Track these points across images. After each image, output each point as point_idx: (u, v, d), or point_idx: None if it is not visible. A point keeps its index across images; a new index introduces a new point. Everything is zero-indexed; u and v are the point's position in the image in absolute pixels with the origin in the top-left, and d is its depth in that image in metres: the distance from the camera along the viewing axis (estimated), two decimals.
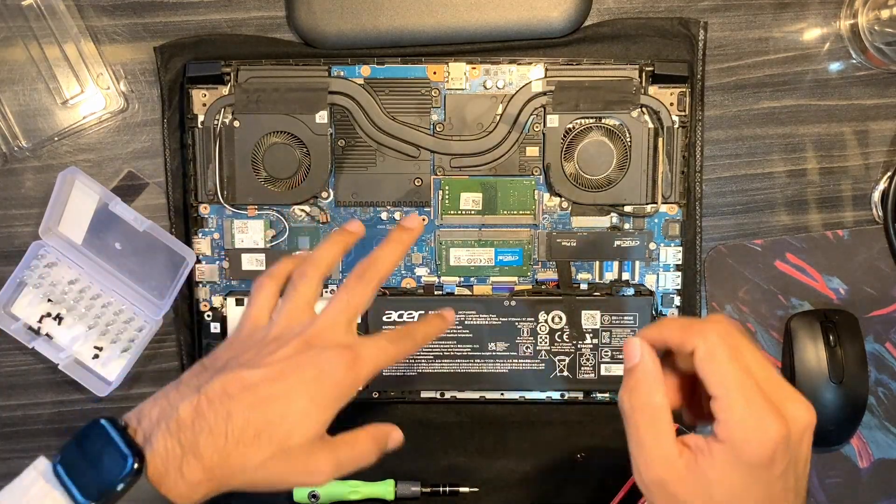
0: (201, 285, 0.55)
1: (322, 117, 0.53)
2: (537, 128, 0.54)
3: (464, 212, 0.55)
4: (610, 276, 0.55)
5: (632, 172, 0.54)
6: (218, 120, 0.53)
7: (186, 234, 0.55)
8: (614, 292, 0.55)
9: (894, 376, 0.56)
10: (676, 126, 0.53)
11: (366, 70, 0.53)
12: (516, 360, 0.55)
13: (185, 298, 0.56)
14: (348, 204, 0.55)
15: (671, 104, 0.53)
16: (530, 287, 0.55)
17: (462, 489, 0.56)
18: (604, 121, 0.54)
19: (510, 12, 0.53)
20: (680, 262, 0.55)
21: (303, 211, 0.55)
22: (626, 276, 0.55)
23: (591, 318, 0.55)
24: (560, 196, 0.54)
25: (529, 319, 0.55)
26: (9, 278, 0.55)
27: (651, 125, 0.53)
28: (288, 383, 0.39)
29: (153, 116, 0.56)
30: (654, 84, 0.53)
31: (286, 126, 0.53)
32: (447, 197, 0.55)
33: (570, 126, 0.54)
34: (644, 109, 0.53)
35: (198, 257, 0.55)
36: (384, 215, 0.55)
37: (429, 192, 0.55)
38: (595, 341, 0.55)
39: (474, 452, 0.57)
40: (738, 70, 0.56)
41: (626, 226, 0.55)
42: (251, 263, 0.55)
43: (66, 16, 0.54)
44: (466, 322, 0.55)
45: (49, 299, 0.56)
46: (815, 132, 0.56)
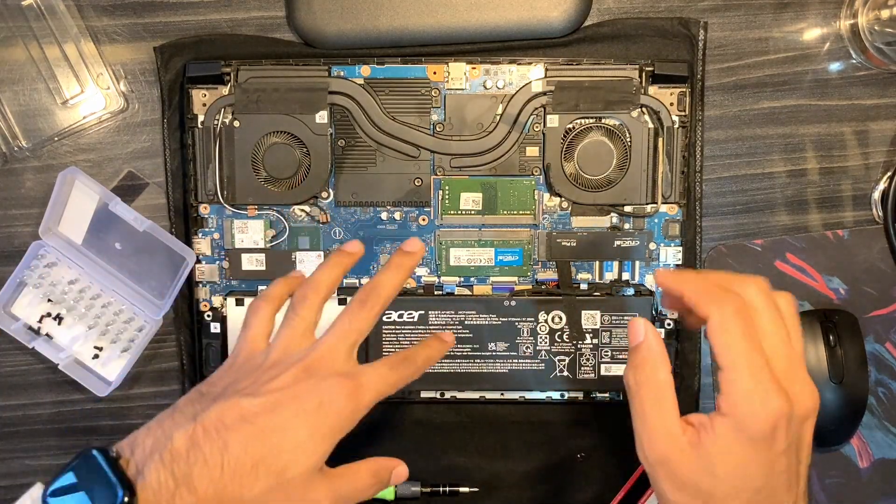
0: (201, 285, 0.55)
1: (322, 117, 0.53)
2: (537, 128, 0.54)
3: (464, 212, 0.55)
4: (610, 276, 0.55)
5: (632, 172, 0.54)
6: (218, 120, 0.53)
7: (186, 234, 0.55)
8: (614, 292, 0.55)
9: (894, 376, 0.56)
10: (676, 126, 0.53)
11: (366, 70, 0.53)
12: (516, 360, 0.55)
13: (185, 298, 0.56)
14: (348, 204, 0.55)
15: (671, 104, 0.53)
16: (530, 287, 0.55)
17: (462, 489, 0.56)
18: (604, 121, 0.54)
19: (510, 12, 0.53)
20: (680, 262, 0.55)
21: (303, 211, 0.55)
22: (626, 276, 0.55)
23: (591, 318, 0.55)
24: (560, 196, 0.54)
25: (529, 319, 0.55)
26: (9, 278, 0.55)
27: (651, 125, 0.53)
28: (287, 413, 0.37)
29: (153, 116, 0.56)
30: (654, 84, 0.53)
31: (286, 126, 0.53)
32: (447, 197, 0.55)
33: (570, 126, 0.54)
34: (644, 109, 0.53)
35: (198, 257, 0.55)
36: (384, 215, 0.55)
37: (429, 192, 0.55)
38: (595, 341, 0.55)
39: (474, 452, 0.57)
40: (738, 70, 0.56)
41: (626, 226, 0.55)
42: (251, 263, 0.55)
43: (66, 16, 0.54)
44: (466, 322, 0.55)
45: (49, 299, 0.56)
46: (815, 132, 0.56)
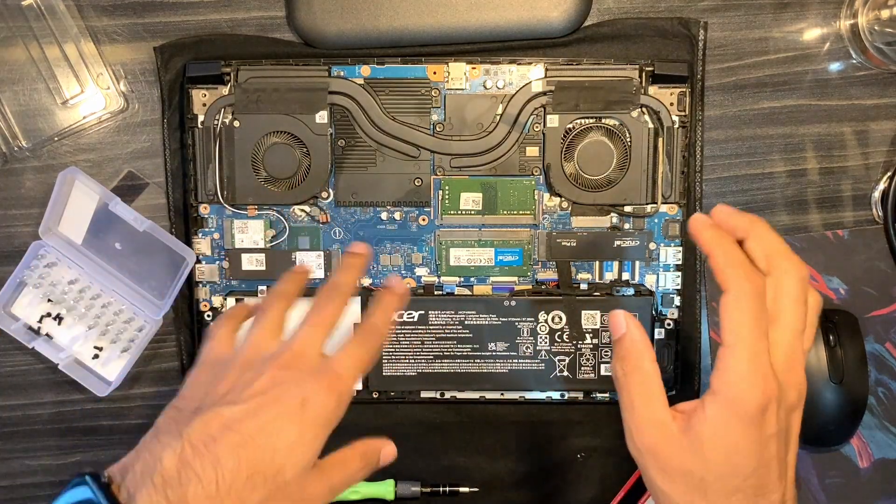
0: (201, 285, 0.55)
1: (322, 117, 0.53)
2: (537, 128, 0.54)
3: (464, 212, 0.55)
4: (610, 276, 0.55)
5: (632, 172, 0.54)
6: (218, 120, 0.53)
7: (186, 234, 0.55)
8: (614, 292, 0.55)
9: (894, 376, 0.56)
10: (676, 126, 0.53)
11: (366, 70, 0.53)
12: (516, 360, 0.55)
13: (185, 298, 0.56)
14: (348, 204, 0.55)
15: (671, 104, 0.53)
16: (530, 287, 0.55)
17: (462, 489, 0.56)
18: (604, 121, 0.54)
19: (510, 12, 0.53)
20: (680, 262, 0.55)
21: (303, 211, 0.55)
22: (626, 276, 0.55)
23: (591, 318, 0.55)
24: (560, 196, 0.54)
25: (529, 319, 0.55)
26: (9, 278, 0.55)
27: (651, 125, 0.53)
28: (271, 416, 0.37)
29: (153, 116, 0.56)
30: (654, 84, 0.53)
31: (286, 126, 0.53)
32: (447, 197, 0.55)
33: (570, 126, 0.54)
34: (644, 109, 0.53)
35: (198, 257, 0.55)
36: (384, 215, 0.55)
37: (429, 192, 0.55)
38: (595, 341, 0.55)
39: (474, 452, 0.57)
40: (738, 70, 0.56)
41: (626, 226, 0.55)
42: (251, 263, 0.55)
43: (66, 16, 0.54)
44: (466, 322, 0.55)
45: (49, 299, 0.56)
46: (815, 132, 0.56)
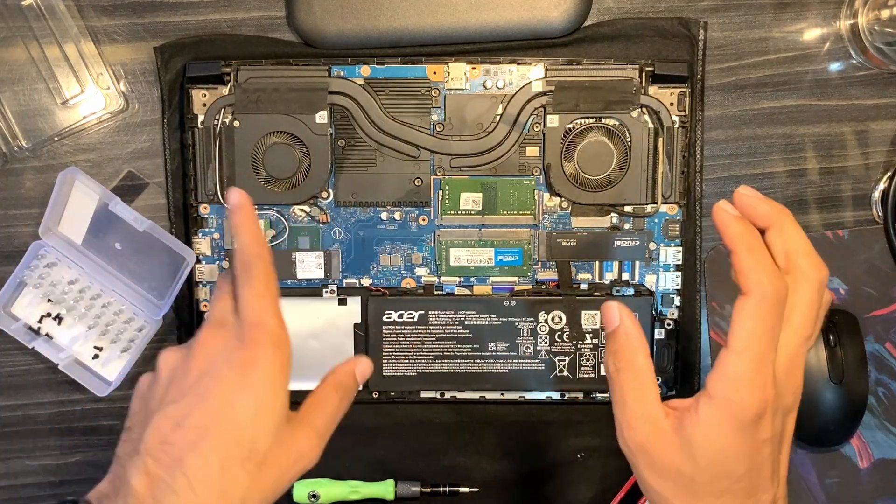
0: (201, 285, 0.55)
1: (322, 117, 0.53)
2: (537, 128, 0.54)
3: (464, 212, 0.55)
4: (610, 276, 0.55)
5: (632, 172, 0.54)
6: (218, 120, 0.53)
7: (186, 234, 0.55)
8: (614, 292, 0.55)
9: (894, 376, 0.56)
10: (676, 126, 0.53)
11: (366, 70, 0.53)
12: (516, 360, 0.55)
13: (185, 298, 0.56)
14: (348, 204, 0.55)
15: (671, 104, 0.53)
16: (530, 287, 0.55)
17: (462, 489, 0.56)
18: (604, 121, 0.54)
19: (510, 12, 0.53)
20: (680, 262, 0.55)
21: (303, 211, 0.55)
22: (626, 276, 0.55)
23: (591, 318, 0.55)
24: (560, 196, 0.54)
25: (529, 319, 0.55)
26: (9, 278, 0.55)
27: (651, 125, 0.53)
28: (218, 396, 0.35)
29: (153, 116, 0.56)
30: (654, 84, 0.53)
31: (286, 126, 0.53)
32: (447, 197, 0.55)
33: (570, 126, 0.54)
34: (644, 109, 0.53)
35: (198, 257, 0.55)
36: (384, 215, 0.55)
37: (429, 192, 0.55)
38: (595, 341, 0.55)
39: (474, 452, 0.57)
40: (738, 70, 0.56)
41: (626, 226, 0.55)
42: None
43: (66, 16, 0.54)
44: (466, 322, 0.55)
45: (49, 299, 0.56)
46: (815, 132, 0.56)
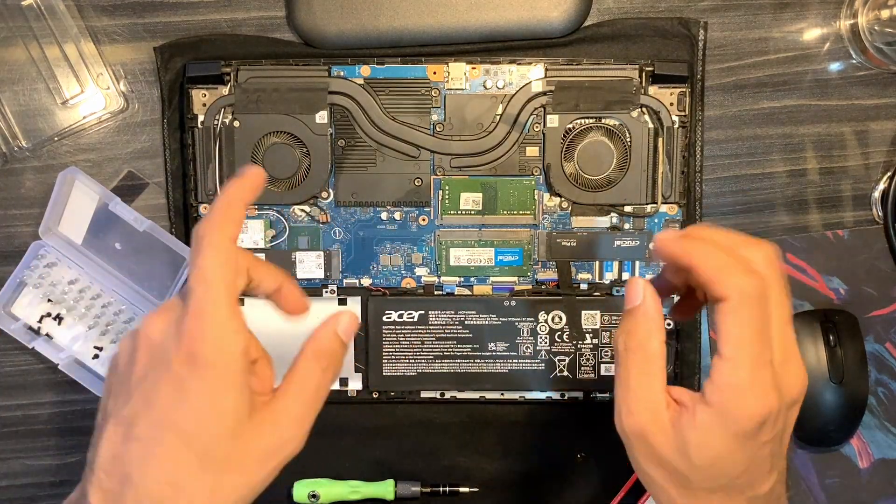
0: None
1: (322, 117, 0.53)
2: (537, 128, 0.54)
3: (464, 212, 0.55)
4: (610, 276, 0.55)
5: (632, 172, 0.54)
6: (218, 120, 0.53)
7: (186, 234, 0.55)
8: (614, 292, 0.55)
9: (894, 376, 0.56)
10: (676, 126, 0.53)
11: (366, 70, 0.53)
12: (516, 360, 0.55)
13: None
14: (348, 204, 0.55)
15: (671, 104, 0.53)
16: (530, 287, 0.55)
17: (462, 489, 0.56)
18: (604, 121, 0.54)
19: (510, 12, 0.53)
20: None
21: (303, 211, 0.55)
22: (626, 276, 0.55)
23: (591, 318, 0.55)
24: (560, 196, 0.54)
25: (529, 319, 0.55)
26: (9, 278, 0.55)
27: (651, 125, 0.53)
28: (164, 397, 0.31)
29: (153, 116, 0.56)
30: (654, 84, 0.53)
31: (286, 126, 0.53)
32: (447, 197, 0.55)
33: (570, 126, 0.54)
34: (644, 109, 0.53)
35: None
36: (384, 215, 0.55)
37: (429, 192, 0.55)
38: (595, 341, 0.55)
39: (474, 452, 0.57)
40: (738, 70, 0.56)
41: (626, 226, 0.55)
42: None
43: (66, 16, 0.54)
44: (466, 322, 0.55)
45: (49, 299, 0.56)
46: (815, 132, 0.56)
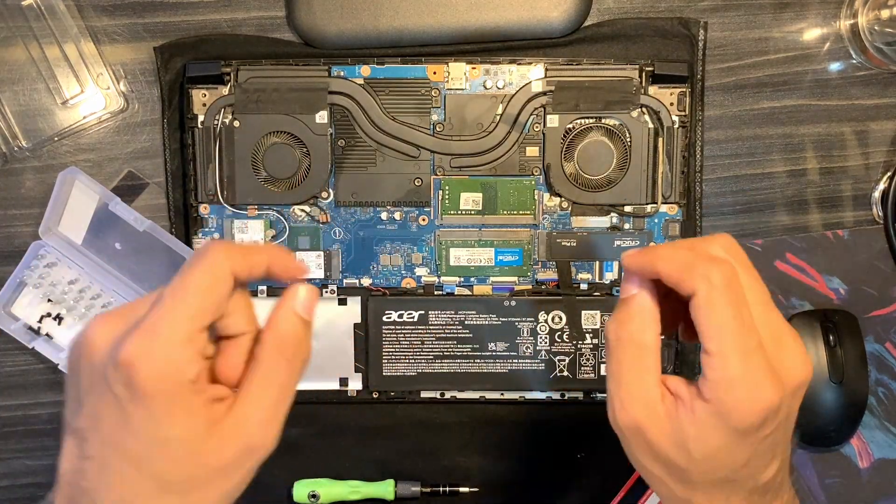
0: None
1: (322, 117, 0.53)
2: (537, 128, 0.54)
3: (464, 212, 0.55)
4: (610, 276, 0.55)
5: (632, 172, 0.54)
6: (218, 120, 0.53)
7: (186, 234, 0.55)
8: (614, 292, 0.55)
9: (894, 376, 0.56)
10: (676, 126, 0.53)
11: (366, 70, 0.53)
12: (516, 360, 0.55)
13: None
14: (348, 204, 0.55)
15: (671, 104, 0.53)
16: (530, 287, 0.55)
17: (462, 489, 0.56)
18: (604, 121, 0.54)
19: (510, 12, 0.53)
20: None
21: (303, 211, 0.55)
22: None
23: (591, 318, 0.55)
24: (560, 196, 0.54)
25: (529, 319, 0.55)
26: (9, 278, 0.55)
27: (651, 125, 0.53)
28: (110, 415, 0.29)
29: (153, 116, 0.56)
30: (654, 84, 0.53)
31: (286, 126, 0.53)
32: (447, 197, 0.55)
33: (570, 126, 0.54)
34: (644, 109, 0.53)
35: None
36: (384, 215, 0.55)
37: (429, 192, 0.55)
38: (595, 341, 0.55)
39: (474, 452, 0.57)
40: (738, 70, 0.56)
41: (626, 226, 0.55)
42: None
43: (66, 16, 0.54)
44: (466, 322, 0.55)
45: (49, 299, 0.56)
46: (815, 132, 0.56)
